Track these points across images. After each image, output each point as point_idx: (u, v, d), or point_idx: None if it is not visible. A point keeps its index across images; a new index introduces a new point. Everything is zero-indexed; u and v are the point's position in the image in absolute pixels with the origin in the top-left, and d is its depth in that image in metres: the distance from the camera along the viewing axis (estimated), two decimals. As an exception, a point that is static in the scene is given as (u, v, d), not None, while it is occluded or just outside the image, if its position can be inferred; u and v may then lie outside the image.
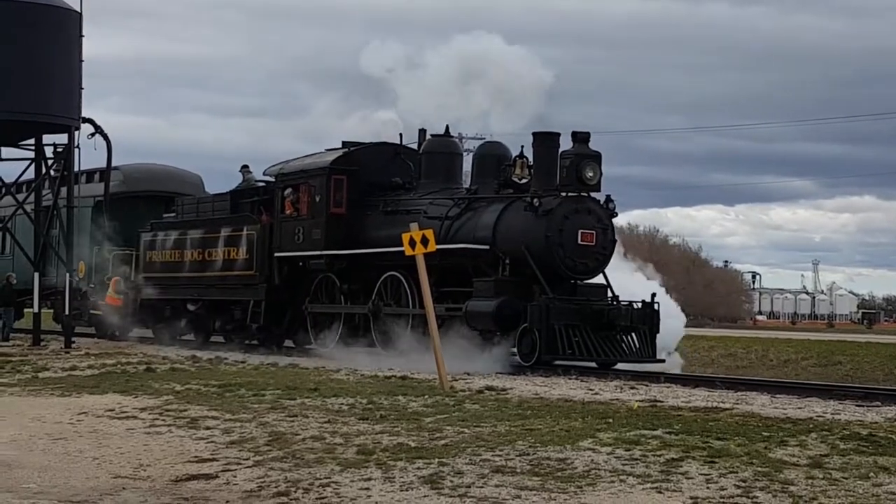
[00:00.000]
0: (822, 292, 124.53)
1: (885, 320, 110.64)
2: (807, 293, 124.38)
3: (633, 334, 19.16)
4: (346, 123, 24.96)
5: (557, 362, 18.69)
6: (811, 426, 11.16)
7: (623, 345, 19.12)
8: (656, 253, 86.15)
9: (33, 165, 27.80)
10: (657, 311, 19.39)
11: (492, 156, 21.52)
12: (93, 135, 28.18)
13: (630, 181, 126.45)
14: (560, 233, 19.29)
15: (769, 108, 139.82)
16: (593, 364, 18.86)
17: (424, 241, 16.27)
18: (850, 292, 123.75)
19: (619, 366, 19.06)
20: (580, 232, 19.41)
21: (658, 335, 19.47)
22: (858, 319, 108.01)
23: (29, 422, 12.99)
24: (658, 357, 19.54)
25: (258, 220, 24.63)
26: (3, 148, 27.85)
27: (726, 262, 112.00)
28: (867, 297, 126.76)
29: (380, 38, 24.37)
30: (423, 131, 23.38)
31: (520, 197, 20.00)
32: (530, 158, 20.34)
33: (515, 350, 19.09)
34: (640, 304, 19.29)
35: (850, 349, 30.50)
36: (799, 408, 13.22)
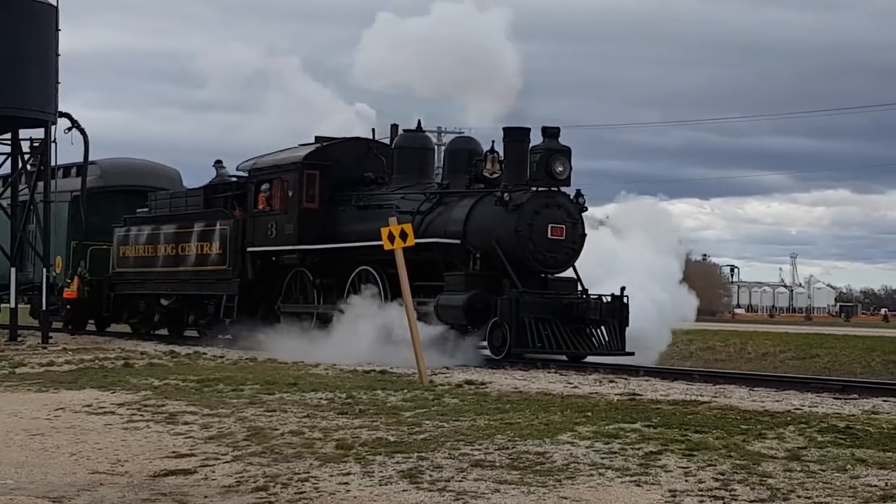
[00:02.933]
0: (800, 285, 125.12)
1: (863, 313, 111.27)
2: (785, 286, 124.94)
3: (603, 327, 19.33)
4: (321, 118, 25.01)
5: (527, 355, 18.79)
6: (789, 419, 11.21)
7: (593, 338, 19.27)
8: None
9: (9, 160, 27.61)
10: (626, 305, 19.55)
11: (463, 150, 21.73)
12: (69, 129, 28.10)
13: (606, 175, 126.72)
14: (530, 227, 19.42)
15: (742, 102, 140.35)
16: (563, 357, 18.98)
17: (403, 236, 16.26)
18: (828, 285, 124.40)
19: (593, 359, 19.19)
20: (550, 226, 19.56)
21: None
22: (836, 312, 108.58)
23: (6, 417, 12.92)
24: (627, 350, 19.66)
25: (231, 214, 24.63)
26: (-22, 142, 27.69)
27: (705, 255, 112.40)
28: (845, 291, 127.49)
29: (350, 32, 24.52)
30: (395, 126, 23.45)
31: (490, 192, 20.15)
32: (501, 153, 20.44)
33: (486, 343, 19.17)
34: (609, 298, 19.44)
35: (827, 342, 30.62)
36: (777, 401, 13.27)
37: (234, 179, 26.01)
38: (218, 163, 27.28)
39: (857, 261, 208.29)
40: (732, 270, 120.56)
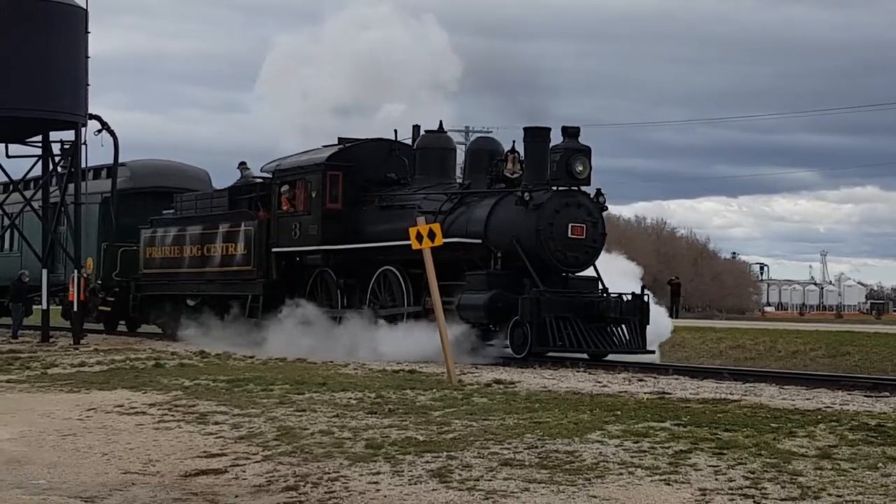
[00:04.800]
0: (831, 283, 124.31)
1: (894, 310, 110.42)
2: (815, 284, 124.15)
3: (623, 326, 19.37)
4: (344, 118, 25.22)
5: (549, 354, 18.89)
6: (819, 417, 11.15)
7: (613, 336, 19.31)
8: (664, 245, 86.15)
9: (41, 162, 27.83)
10: (647, 303, 19.56)
11: (484, 151, 21.86)
12: (99, 131, 28.22)
13: (633, 174, 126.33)
14: (550, 226, 19.48)
15: (767, 100, 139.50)
16: (585, 356, 19.09)
17: (431, 235, 16.29)
18: (859, 283, 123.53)
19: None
20: (570, 225, 19.60)
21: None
22: (867, 310, 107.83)
23: (38, 418, 13.02)
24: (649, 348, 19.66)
25: (256, 216, 24.74)
26: (10, 145, 27.89)
27: (734, 253, 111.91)
28: (875, 288, 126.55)
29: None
30: (416, 127, 23.56)
31: (511, 191, 20.20)
32: (522, 153, 20.49)
33: (508, 342, 19.22)
34: (629, 297, 19.47)
35: (858, 340, 30.37)
36: (807, 399, 13.22)
37: (259, 181, 26.13)
38: (242, 164, 27.44)
39: (887, 258, 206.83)
40: (762, 268, 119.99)
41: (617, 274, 20.97)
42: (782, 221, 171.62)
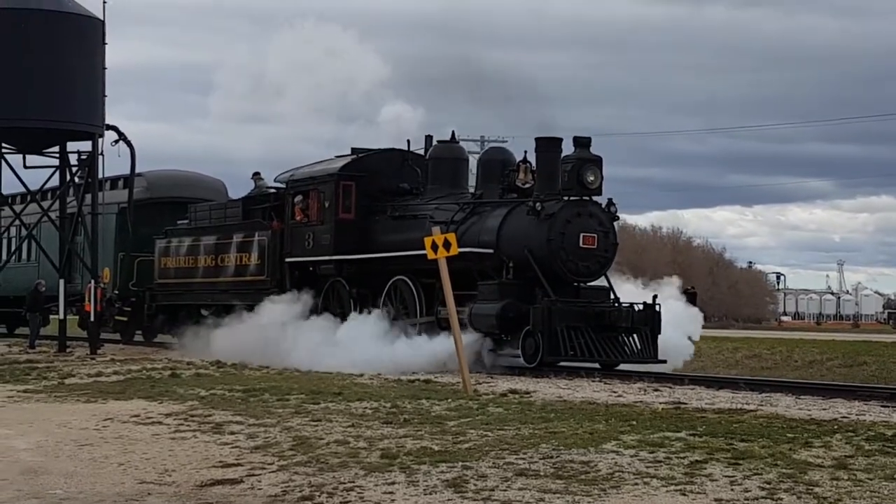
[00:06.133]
0: (848, 292, 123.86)
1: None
2: (832, 293, 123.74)
3: (635, 335, 19.40)
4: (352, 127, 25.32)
5: (563, 364, 18.95)
6: (836, 427, 11.12)
7: (625, 346, 19.32)
8: (679, 254, 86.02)
9: (58, 173, 27.97)
10: (658, 313, 19.59)
11: (496, 161, 21.94)
12: (116, 142, 28.34)
13: (649, 183, 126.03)
14: (562, 236, 19.52)
15: (782, 109, 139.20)
16: (596, 365, 19.15)
17: (446, 245, 16.31)
18: (876, 292, 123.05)
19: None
20: (582, 235, 19.64)
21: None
22: (885, 319, 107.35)
23: (55, 428, 13.06)
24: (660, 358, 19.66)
25: (269, 226, 24.82)
26: (27, 156, 28.01)
27: (750, 262, 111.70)
28: (893, 297, 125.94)
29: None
30: (429, 137, 23.66)
31: (523, 201, 20.26)
32: (534, 163, 20.54)
33: (519, 352, 19.26)
34: (641, 306, 19.49)
35: (876, 349, 30.28)
36: (824, 409, 13.18)
37: (272, 191, 26.23)
38: (256, 175, 27.57)
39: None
40: (779, 278, 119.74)
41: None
42: (797, 231, 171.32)
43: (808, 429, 11.00)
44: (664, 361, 19.80)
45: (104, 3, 26.53)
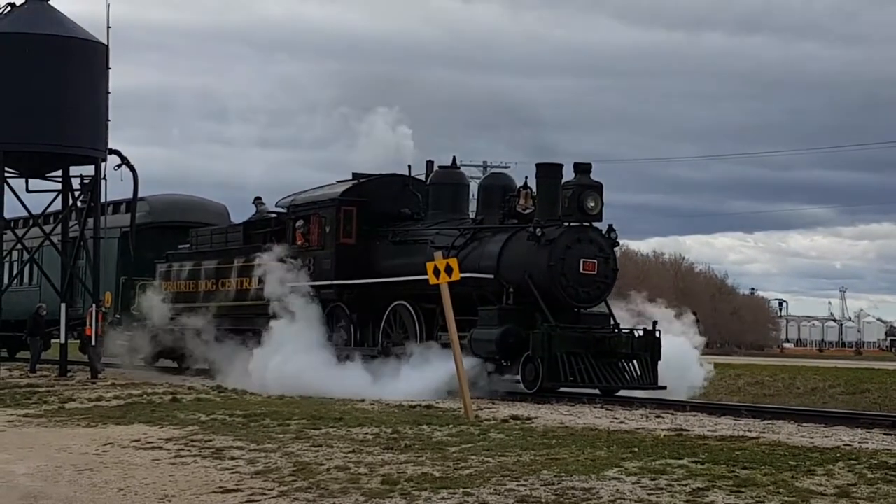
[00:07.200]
0: (850, 319, 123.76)
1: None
2: (834, 320, 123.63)
3: (635, 361, 19.41)
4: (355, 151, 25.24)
5: (563, 389, 18.92)
6: (838, 455, 11.09)
7: (625, 372, 19.33)
8: (682, 280, 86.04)
9: (60, 197, 27.99)
10: (658, 339, 19.60)
11: (497, 186, 21.99)
12: (119, 166, 28.34)
13: (649, 209, 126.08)
14: (562, 262, 19.53)
15: (783, 136, 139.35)
16: (596, 391, 19.13)
17: (448, 270, 16.31)
18: (879, 319, 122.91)
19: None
20: (582, 261, 19.66)
21: None
22: (887, 346, 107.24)
23: (55, 452, 13.04)
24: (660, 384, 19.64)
25: (270, 250, 24.78)
26: (30, 179, 28.06)
27: (752, 289, 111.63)
28: (895, 325, 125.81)
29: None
30: (430, 163, 23.70)
31: (523, 227, 20.28)
32: (534, 189, 20.59)
33: (519, 377, 19.23)
34: (641, 332, 19.52)
35: (878, 377, 30.23)
36: (826, 436, 13.13)
37: (273, 216, 26.26)
38: (257, 199, 27.64)
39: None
40: (781, 304, 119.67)
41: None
42: (798, 257, 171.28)
43: (810, 456, 10.96)
44: (664, 388, 19.78)
45: (108, 28, 26.68)
